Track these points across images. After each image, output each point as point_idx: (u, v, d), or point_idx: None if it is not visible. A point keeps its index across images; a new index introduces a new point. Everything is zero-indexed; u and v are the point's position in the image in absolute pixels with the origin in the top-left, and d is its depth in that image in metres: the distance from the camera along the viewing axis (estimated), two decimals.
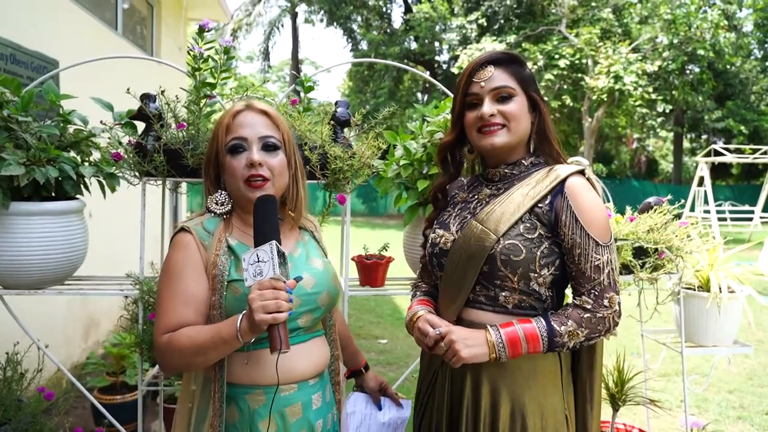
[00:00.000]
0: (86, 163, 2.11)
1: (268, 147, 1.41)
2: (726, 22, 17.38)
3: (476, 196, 1.53)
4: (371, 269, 2.24)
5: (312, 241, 1.56)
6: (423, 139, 2.18)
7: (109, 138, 2.06)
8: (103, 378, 3.54)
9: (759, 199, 14.68)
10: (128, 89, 1.90)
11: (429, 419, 1.56)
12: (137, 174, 2.05)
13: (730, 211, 15.24)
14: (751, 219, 14.77)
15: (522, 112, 1.44)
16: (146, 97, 2.03)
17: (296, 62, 27.76)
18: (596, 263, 1.36)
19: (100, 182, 2.18)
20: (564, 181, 1.40)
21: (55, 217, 2.01)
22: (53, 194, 2.08)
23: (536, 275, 1.38)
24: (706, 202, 13.54)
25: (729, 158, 13.64)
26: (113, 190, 2.18)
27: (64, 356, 4.30)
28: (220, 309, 1.34)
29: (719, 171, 25.17)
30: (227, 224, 1.43)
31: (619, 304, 1.39)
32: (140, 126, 2.12)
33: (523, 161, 1.49)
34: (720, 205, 15.21)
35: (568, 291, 1.49)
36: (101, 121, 1.99)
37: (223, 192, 1.45)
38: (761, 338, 5.96)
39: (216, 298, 1.34)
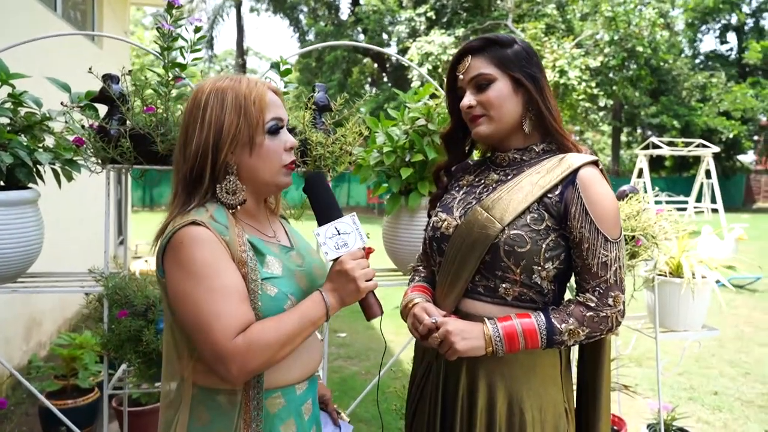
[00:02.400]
0: (41, 149, 1.94)
1: (290, 130, 1.34)
2: (662, 20, 18.15)
3: (483, 181, 1.48)
4: None
5: (292, 228, 1.48)
6: (404, 126, 2.12)
7: (66, 122, 1.89)
8: (52, 381, 3.31)
9: (692, 190, 15.43)
10: (90, 68, 1.75)
11: (421, 413, 1.50)
12: (100, 161, 1.89)
13: (666, 202, 15.95)
14: (685, 209, 15.51)
15: (503, 97, 1.38)
16: (109, 78, 1.88)
17: (241, 52, 27.11)
18: (603, 260, 1.32)
19: (54, 170, 2.01)
20: (576, 171, 1.34)
21: (7, 209, 1.83)
22: (2, 183, 1.91)
23: (540, 268, 1.33)
24: (644, 192, 14.09)
25: (666, 151, 14.25)
26: (70, 178, 2.01)
27: (4, 359, 4.00)
28: (255, 312, 1.19)
29: (654, 163, 26.29)
30: (235, 217, 1.26)
31: (623, 302, 1.35)
32: (102, 110, 1.96)
33: (534, 147, 1.43)
34: (657, 195, 15.88)
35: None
36: (62, 103, 1.82)
37: (234, 179, 1.24)
38: (705, 322, 6.25)
39: (251, 299, 1.19)
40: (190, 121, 1.23)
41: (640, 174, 14.36)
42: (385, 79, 23.41)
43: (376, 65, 23.14)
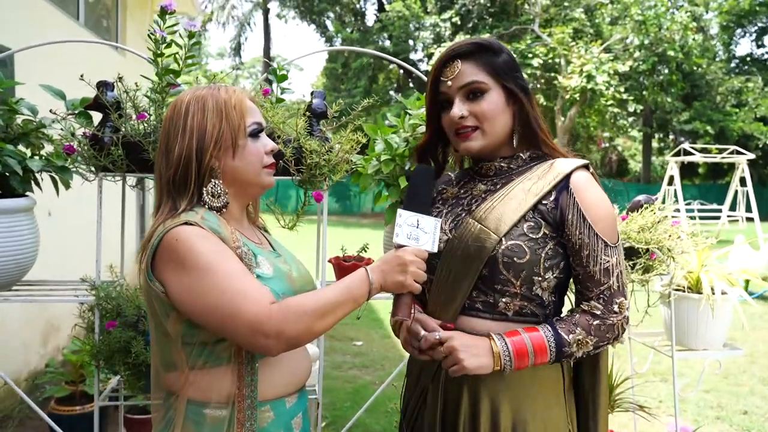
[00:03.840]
0: (36, 157, 1.93)
1: (269, 136, 1.36)
2: (695, 24, 17.72)
3: (469, 193, 1.40)
4: (350, 272, 2.09)
5: (273, 239, 1.47)
6: (405, 133, 2.05)
7: (62, 129, 1.88)
8: (62, 387, 3.33)
9: (726, 198, 14.97)
10: (81, 76, 1.72)
11: None
12: (93, 169, 1.87)
13: (699, 210, 15.51)
14: (718, 218, 15.05)
15: (497, 109, 1.31)
16: (103, 85, 1.86)
17: (268, 59, 27.40)
18: (606, 265, 1.26)
19: (53, 178, 2.00)
20: (569, 176, 1.29)
21: (1, 217, 1.82)
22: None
23: (540, 279, 1.27)
24: (675, 200, 13.73)
25: (698, 157, 13.86)
26: (67, 186, 2.00)
27: (21, 363, 4.05)
28: None
29: (686, 170, 25.65)
30: (225, 219, 1.27)
31: (627, 308, 1.30)
32: (96, 117, 1.94)
33: (521, 155, 1.37)
34: (689, 203, 15.47)
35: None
36: (51, 110, 1.80)
37: (218, 182, 1.25)
38: (734, 336, 6.00)
39: None
40: (171, 128, 1.25)
41: (670, 181, 13.99)
42: (411, 86, 23.36)
43: (402, 72, 23.13)
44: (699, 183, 27.33)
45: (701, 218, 15.54)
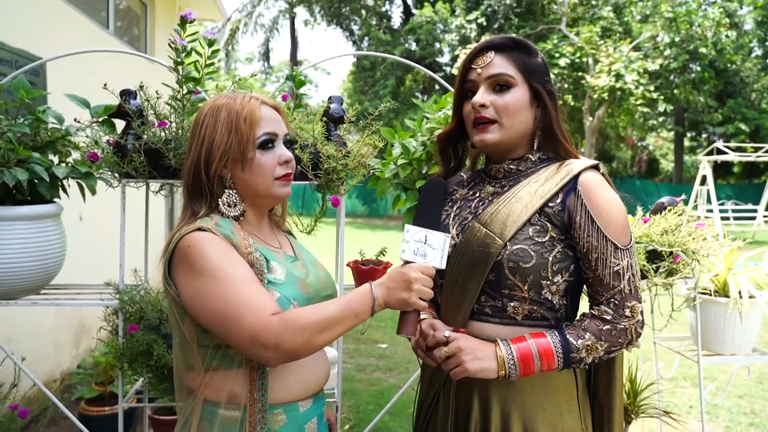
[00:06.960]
0: (64, 164, 1.99)
1: (289, 143, 1.36)
2: (727, 20, 17.27)
3: (477, 194, 1.40)
4: (368, 276, 2.10)
5: (298, 242, 1.49)
6: (422, 137, 2.05)
7: (87, 137, 1.94)
8: (91, 388, 3.41)
9: (762, 197, 14.55)
10: (105, 85, 1.77)
11: None
12: (117, 175, 1.92)
13: (733, 210, 15.11)
14: (753, 218, 14.63)
15: (520, 105, 1.30)
16: (126, 93, 1.90)
17: (295, 64, 27.66)
18: (615, 269, 1.24)
19: (80, 184, 2.05)
20: (577, 177, 1.27)
21: (29, 223, 1.88)
22: (29, 198, 1.96)
23: (548, 283, 1.25)
24: (708, 201, 13.41)
25: (731, 156, 13.52)
26: (93, 192, 2.05)
27: (54, 364, 4.16)
28: None
29: (720, 170, 25.02)
30: (240, 226, 1.30)
31: (641, 312, 1.27)
32: (120, 125, 1.99)
33: (529, 156, 1.36)
34: (722, 204, 15.09)
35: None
36: (75, 119, 1.86)
37: (232, 192, 1.28)
38: (758, 344, 5.82)
39: None
40: (191, 137, 1.30)
41: (703, 181, 13.67)
42: (437, 88, 23.29)
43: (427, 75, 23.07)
44: (734, 182, 26.62)
45: (736, 219, 15.15)
